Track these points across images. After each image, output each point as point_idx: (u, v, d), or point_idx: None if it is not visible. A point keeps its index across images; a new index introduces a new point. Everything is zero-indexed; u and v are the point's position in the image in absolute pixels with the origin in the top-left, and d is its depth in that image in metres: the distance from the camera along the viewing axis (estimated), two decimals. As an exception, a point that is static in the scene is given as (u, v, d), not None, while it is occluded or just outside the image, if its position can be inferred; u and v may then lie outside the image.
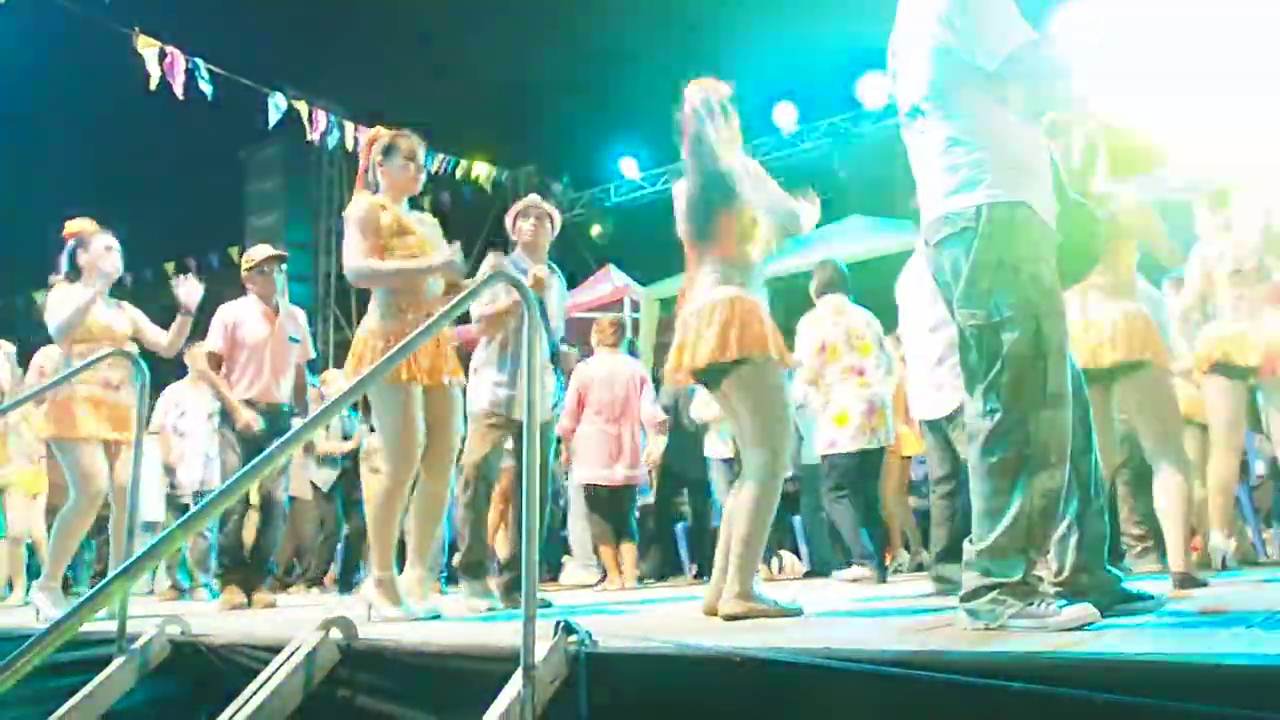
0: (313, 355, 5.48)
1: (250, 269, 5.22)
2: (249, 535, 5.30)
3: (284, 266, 5.31)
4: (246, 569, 5.10)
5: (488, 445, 4.08)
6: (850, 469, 5.23)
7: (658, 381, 6.25)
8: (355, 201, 3.59)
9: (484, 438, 4.09)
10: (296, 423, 5.15)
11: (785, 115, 11.62)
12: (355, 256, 3.47)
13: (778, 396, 2.92)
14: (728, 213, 2.95)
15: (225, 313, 5.15)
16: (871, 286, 6.02)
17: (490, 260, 4.09)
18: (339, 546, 7.61)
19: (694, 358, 2.89)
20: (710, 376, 2.94)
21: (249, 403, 5.01)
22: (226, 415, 5.05)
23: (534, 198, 4.46)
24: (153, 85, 8.32)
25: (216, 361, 5.07)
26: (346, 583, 7.07)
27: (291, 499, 6.71)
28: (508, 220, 4.38)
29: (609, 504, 5.90)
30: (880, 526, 5.34)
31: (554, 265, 4.40)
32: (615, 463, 5.84)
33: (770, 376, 2.89)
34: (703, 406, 5.86)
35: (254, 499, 5.41)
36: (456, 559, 4.06)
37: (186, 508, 7.03)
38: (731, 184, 2.94)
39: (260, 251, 5.29)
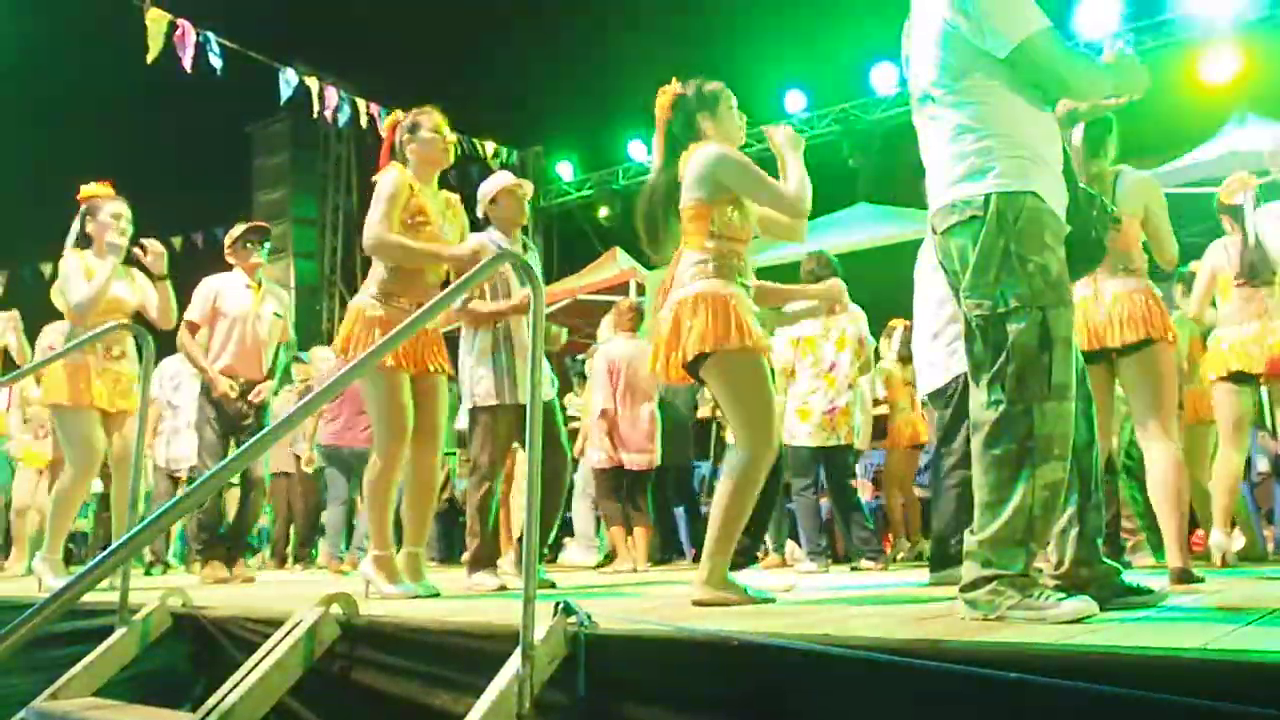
0: (292, 336, 5.50)
1: (232, 242, 5.25)
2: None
3: (266, 242, 5.33)
4: (225, 544, 5.13)
5: (496, 437, 3.98)
6: (807, 462, 5.31)
7: None
8: (386, 171, 3.56)
9: (490, 430, 3.99)
10: (275, 401, 5.18)
11: (795, 102, 11.56)
12: (379, 226, 3.45)
13: (756, 385, 2.84)
14: (691, 208, 2.89)
15: (208, 284, 5.19)
16: (878, 275, 6.00)
17: (478, 240, 3.98)
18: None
19: (667, 364, 2.86)
20: (693, 371, 2.90)
21: (224, 375, 5.02)
22: (205, 387, 5.06)
23: (520, 179, 4.32)
24: (150, 58, 8.23)
25: (194, 330, 5.09)
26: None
27: (277, 474, 6.73)
28: (488, 195, 4.18)
29: (627, 487, 5.95)
30: (855, 514, 5.32)
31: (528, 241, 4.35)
32: (629, 447, 5.89)
33: (744, 366, 2.82)
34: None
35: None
36: (465, 556, 4.00)
37: (179, 482, 7.06)
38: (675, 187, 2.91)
39: (242, 226, 5.32)
